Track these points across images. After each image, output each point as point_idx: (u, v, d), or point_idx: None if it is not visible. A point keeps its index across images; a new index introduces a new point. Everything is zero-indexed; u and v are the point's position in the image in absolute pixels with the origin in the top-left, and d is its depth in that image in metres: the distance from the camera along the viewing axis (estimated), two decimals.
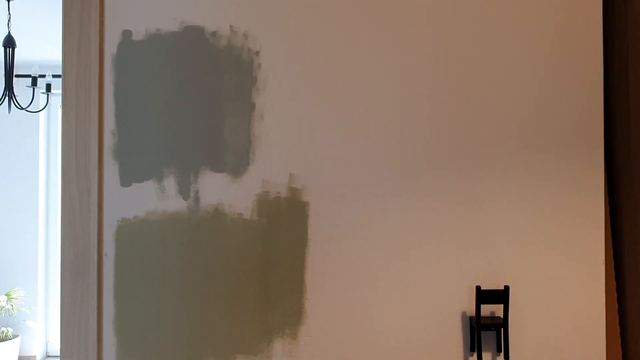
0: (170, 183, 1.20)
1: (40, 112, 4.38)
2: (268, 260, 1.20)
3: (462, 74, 1.21)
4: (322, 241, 1.20)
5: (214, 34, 1.21)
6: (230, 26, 1.21)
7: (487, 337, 1.21)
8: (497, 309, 1.21)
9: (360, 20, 1.21)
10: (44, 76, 3.78)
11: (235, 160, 1.21)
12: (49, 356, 4.88)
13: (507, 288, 1.19)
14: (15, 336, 4.53)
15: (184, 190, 1.20)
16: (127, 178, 1.20)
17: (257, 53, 1.21)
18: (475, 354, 1.20)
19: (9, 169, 4.80)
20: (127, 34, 1.20)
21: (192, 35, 1.20)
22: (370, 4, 1.21)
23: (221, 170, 1.21)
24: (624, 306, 1.28)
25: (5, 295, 4.49)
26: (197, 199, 1.20)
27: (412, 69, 1.21)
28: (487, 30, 1.22)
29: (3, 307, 4.40)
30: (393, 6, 1.21)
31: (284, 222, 1.21)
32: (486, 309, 1.21)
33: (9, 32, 3.11)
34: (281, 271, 1.20)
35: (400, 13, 1.22)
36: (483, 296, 1.18)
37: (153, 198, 1.20)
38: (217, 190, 1.20)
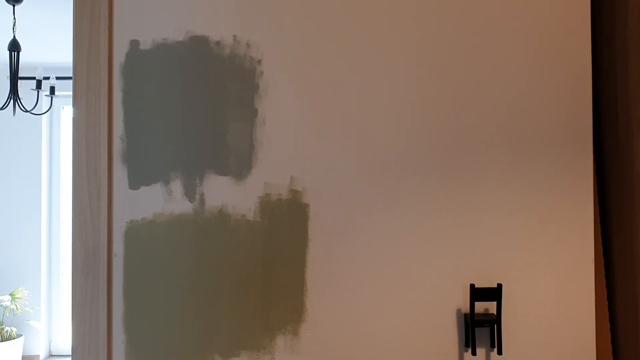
0: (176, 186, 1.25)
1: (42, 114, 4.42)
2: (270, 259, 1.25)
3: (453, 83, 1.26)
4: (322, 241, 1.25)
5: (217, 43, 1.26)
6: (234, 36, 1.26)
7: (481, 333, 1.26)
8: (491, 306, 1.26)
9: (358, 30, 1.26)
10: (47, 78, 3.83)
11: (238, 163, 1.26)
12: (52, 355, 4.93)
13: (500, 286, 1.23)
14: (19, 335, 4.58)
15: (189, 193, 1.25)
16: (136, 181, 1.25)
17: (259, 61, 1.26)
18: (470, 349, 1.25)
19: (12, 170, 4.84)
20: (134, 43, 1.25)
21: (197, 45, 1.25)
22: (367, 15, 1.26)
23: (225, 173, 1.25)
24: (614, 303, 1.33)
25: (10, 295, 4.55)
26: (202, 201, 1.25)
27: (409, 77, 1.26)
28: (479, 39, 1.26)
29: (7, 306, 4.45)
30: (388, 15, 1.26)
31: (286, 223, 1.25)
32: (480, 306, 1.26)
33: (14, 36, 3.16)
34: (283, 270, 1.25)
35: (396, 21, 1.26)
36: (477, 294, 1.23)
37: (160, 200, 1.25)
38: (222, 192, 1.25)
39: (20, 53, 3.23)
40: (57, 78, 3.90)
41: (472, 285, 1.23)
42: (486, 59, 1.26)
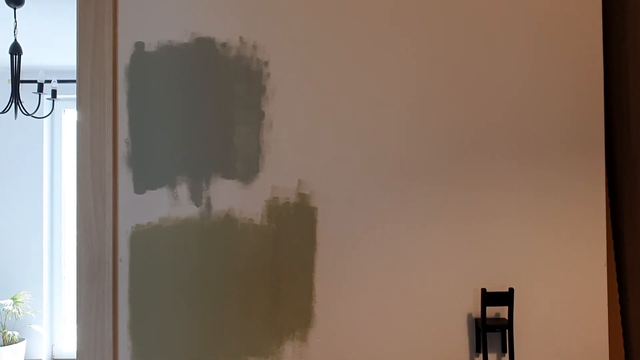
0: (182, 190, 1.23)
1: (44, 118, 4.41)
2: (278, 264, 1.23)
3: (464, 87, 1.24)
4: (331, 245, 1.23)
5: (224, 45, 1.24)
6: (240, 37, 1.24)
7: (493, 338, 1.24)
8: (502, 311, 1.24)
9: (365, 32, 1.24)
10: (49, 81, 3.81)
11: (245, 167, 1.24)
12: (54, 359, 4.91)
13: (511, 290, 1.22)
14: (21, 340, 4.57)
15: (196, 197, 1.23)
16: (141, 185, 1.23)
17: (266, 63, 1.24)
18: (481, 355, 1.23)
19: (13, 174, 4.83)
20: (139, 45, 1.24)
21: (203, 46, 1.24)
22: (373, 17, 1.24)
23: (232, 177, 1.24)
24: (626, 307, 1.31)
25: (12, 299, 4.53)
26: (209, 205, 1.23)
27: (419, 81, 1.24)
28: (487, 39, 1.25)
29: (9, 310, 4.43)
30: (395, 17, 1.25)
31: (293, 227, 1.24)
32: (491, 311, 1.24)
33: (15, 39, 3.14)
34: (291, 275, 1.23)
35: (403, 23, 1.25)
36: (488, 298, 1.21)
37: (166, 204, 1.23)
38: (228, 196, 1.23)
39: (22, 56, 3.21)
40: (59, 81, 3.89)
41: (483, 290, 1.21)
42: (495, 60, 1.24)
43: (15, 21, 3.06)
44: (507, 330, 1.22)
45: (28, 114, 3.49)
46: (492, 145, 1.24)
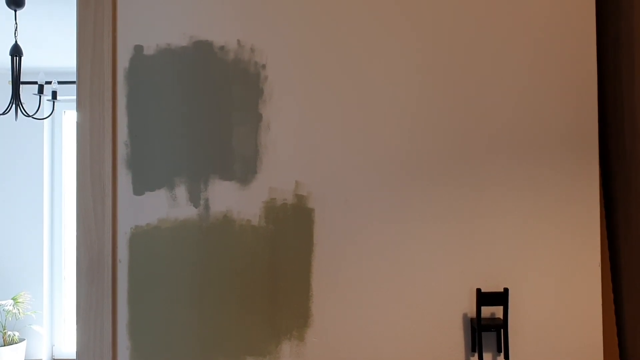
0: (181, 191, 1.25)
1: (44, 119, 4.41)
2: (276, 265, 1.25)
3: (458, 88, 1.25)
4: (328, 246, 1.25)
5: (222, 48, 1.25)
6: (238, 40, 1.25)
7: (488, 337, 1.25)
8: (497, 311, 1.25)
9: (362, 34, 1.26)
10: (49, 83, 3.82)
11: (243, 168, 1.25)
12: (54, 359, 4.92)
13: (506, 290, 1.23)
14: (21, 340, 4.58)
15: (194, 198, 1.25)
16: (140, 187, 1.25)
17: (264, 66, 1.25)
18: (476, 354, 1.24)
19: (14, 175, 4.84)
20: (138, 48, 1.25)
21: (201, 50, 1.25)
22: (370, 18, 1.26)
23: (230, 178, 1.25)
24: (621, 306, 1.32)
25: (12, 299, 4.54)
26: (207, 207, 1.24)
27: (415, 82, 1.25)
28: (482, 41, 1.26)
29: (10, 311, 4.44)
30: (390, 18, 1.26)
31: (291, 228, 1.25)
32: (486, 311, 1.25)
33: (16, 41, 3.15)
34: (288, 275, 1.24)
35: (397, 25, 1.26)
36: (483, 298, 1.23)
37: (165, 206, 1.24)
38: (226, 197, 1.25)
39: (22, 58, 3.22)
40: (59, 83, 3.90)
41: (478, 290, 1.22)
42: (489, 62, 1.26)
43: (16, 23, 3.07)
44: (502, 330, 1.23)
45: (29, 115, 3.50)
46: (488, 146, 1.25)
